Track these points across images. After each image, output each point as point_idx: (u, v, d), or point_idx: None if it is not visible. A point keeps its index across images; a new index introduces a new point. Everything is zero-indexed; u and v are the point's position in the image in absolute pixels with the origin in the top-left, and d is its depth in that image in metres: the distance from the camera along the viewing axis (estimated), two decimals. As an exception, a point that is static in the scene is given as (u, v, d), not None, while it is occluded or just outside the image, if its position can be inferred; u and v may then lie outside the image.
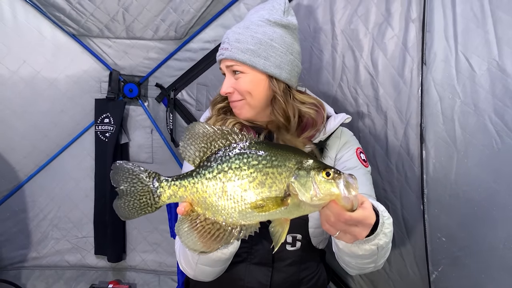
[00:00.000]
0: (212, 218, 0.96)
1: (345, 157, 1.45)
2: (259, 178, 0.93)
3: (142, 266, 2.43)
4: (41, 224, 2.39)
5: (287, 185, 0.92)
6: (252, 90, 1.38)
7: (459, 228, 1.49)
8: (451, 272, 1.55)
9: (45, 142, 2.30)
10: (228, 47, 1.37)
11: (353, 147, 1.48)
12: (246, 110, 1.41)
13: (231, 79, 1.39)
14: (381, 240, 1.08)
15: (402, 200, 1.65)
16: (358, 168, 1.43)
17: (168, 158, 2.36)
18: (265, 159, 0.94)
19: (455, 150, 1.45)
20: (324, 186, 0.90)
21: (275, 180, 0.93)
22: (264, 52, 1.36)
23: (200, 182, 0.96)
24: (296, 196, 0.91)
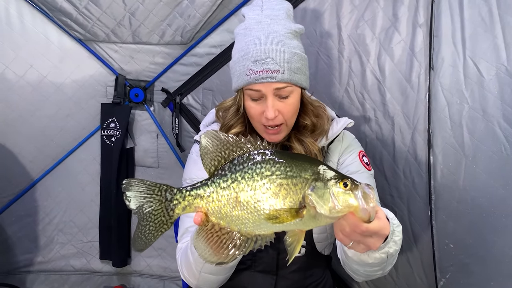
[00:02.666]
0: (227, 228, 0.94)
1: (347, 161, 1.43)
2: (273, 189, 0.91)
3: (147, 271, 2.42)
4: (47, 228, 2.39)
5: (303, 196, 0.91)
6: (296, 110, 1.34)
7: (467, 235, 1.48)
8: (459, 279, 1.53)
9: (51, 146, 2.30)
10: (278, 69, 1.25)
11: (355, 151, 1.45)
12: (284, 133, 1.36)
13: (276, 102, 1.28)
14: (391, 248, 1.06)
15: (410, 206, 1.64)
16: (361, 172, 1.41)
17: (174, 163, 2.36)
18: (279, 169, 0.92)
19: (463, 155, 1.43)
20: (342, 198, 0.88)
21: (290, 191, 0.91)
22: (305, 67, 1.32)
23: (215, 191, 0.94)
24: (313, 208, 0.89)
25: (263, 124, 1.32)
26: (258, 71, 1.24)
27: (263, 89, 1.26)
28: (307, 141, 1.36)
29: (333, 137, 1.41)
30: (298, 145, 1.36)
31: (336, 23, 1.73)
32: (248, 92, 1.30)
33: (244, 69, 1.27)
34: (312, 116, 1.39)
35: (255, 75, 1.25)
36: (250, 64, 1.25)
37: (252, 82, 1.26)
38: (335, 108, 1.72)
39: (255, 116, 1.32)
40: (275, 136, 1.34)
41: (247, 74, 1.26)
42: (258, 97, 1.29)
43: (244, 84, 1.28)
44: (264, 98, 1.28)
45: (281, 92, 1.27)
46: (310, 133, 1.39)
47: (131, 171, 2.36)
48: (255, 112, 1.31)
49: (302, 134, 1.39)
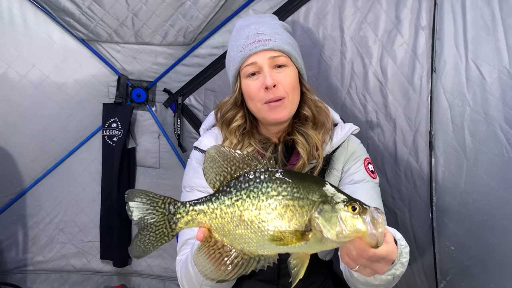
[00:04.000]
0: (230, 245, 0.92)
1: (352, 169, 1.41)
2: (279, 209, 0.88)
3: (148, 271, 2.42)
4: (47, 228, 2.38)
5: (309, 219, 0.88)
6: (295, 86, 1.33)
7: (468, 237, 1.48)
8: (460, 281, 1.54)
9: (52, 146, 2.30)
10: (270, 38, 1.28)
11: (361, 158, 1.43)
12: (288, 110, 1.32)
13: (273, 72, 1.29)
14: (398, 270, 1.05)
15: (411, 208, 1.64)
16: (366, 181, 1.39)
17: (175, 164, 2.36)
18: (285, 190, 0.89)
19: (465, 158, 1.44)
20: (350, 222, 0.85)
21: (296, 213, 0.88)
22: (296, 48, 1.34)
23: (219, 208, 0.92)
24: (319, 231, 0.87)
25: (264, 102, 1.30)
26: (250, 43, 1.29)
27: (258, 60, 1.29)
28: (310, 133, 1.35)
29: (338, 144, 1.38)
30: (302, 138, 1.35)
31: (338, 25, 1.74)
32: (244, 71, 1.32)
33: (237, 48, 1.32)
34: (312, 107, 1.39)
35: (248, 47, 1.29)
36: (242, 41, 1.31)
37: (246, 54, 1.29)
38: (337, 110, 1.72)
39: (254, 94, 1.31)
40: (278, 111, 1.30)
41: (240, 50, 1.31)
42: (254, 71, 1.30)
43: (240, 62, 1.31)
44: (261, 72, 1.30)
45: (276, 61, 1.29)
46: (312, 124, 1.38)
47: (133, 171, 2.36)
48: (254, 89, 1.30)
49: (304, 125, 1.37)
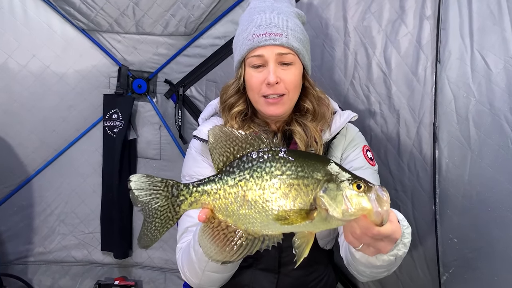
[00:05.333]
0: (233, 226, 0.92)
1: (351, 157, 1.41)
2: (282, 189, 0.88)
3: (148, 263, 2.41)
4: (48, 219, 2.38)
5: (314, 198, 0.87)
6: (297, 85, 1.32)
7: (471, 230, 1.47)
8: (463, 274, 1.52)
9: (53, 137, 2.29)
10: (281, 33, 1.26)
11: (359, 145, 1.44)
12: (286, 106, 1.32)
13: (277, 69, 1.28)
14: (400, 251, 1.05)
15: (414, 200, 1.63)
16: (365, 167, 1.40)
17: (176, 155, 2.34)
18: (290, 169, 0.89)
19: (469, 150, 1.42)
20: (356, 200, 0.85)
21: (300, 192, 0.88)
22: (307, 45, 1.32)
23: (223, 188, 0.91)
24: (324, 210, 0.86)
25: (263, 95, 1.30)
26: (261, 33, 1.26)
27: (265, 54, 1.27)
28: (309, 125, 1.34)
29: (336, 131, 1.39)
30: (300, 129, 1.34)
31: (342, 15, 1.71)
32: (249, 61, 1.30)
33: (247, 35, 1.29)
34: (314, 102, 1.38)
35: (258, 38, 1.26)
36: (253, 29, 1.28)
37: (255, 45, 1.26)
38: (340, 101, 1.71)
39: (255, 86, 1.30)
40: (275, 107, 1.31)
41: (249, 39, 1.28)
42: (260, 63, 1.29)
43: (247, 50, 1.28)
44: (266, 66, 1.28)
45: (283, 59, 1.27)
46: (312, 117, 1.37)
47: (133, 163, 2.35)
48: (256, 81, 1.29)
49: (303, 117, 1.37)
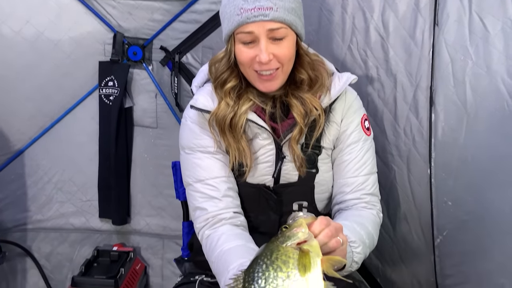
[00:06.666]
0: None
1: (349, 130, 1.42)
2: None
3: (146, 230, 2.44)
4: (46, 187, 2.39)
5: (290, 250, 0.93)
6: (291, 57, 1.29)
7: (466, 192, 1.48)
8: (456, 236, 1.55)
9: (49, 105, 2.29)
10: (271, 6, 1.19)
11: (358, 115, 1.44)
12: (280, 80, 1.30)
13: (269, 45, 1.23)
14: (354, 268, 1.20)
15: (409, 165, 1.64)
16: (362, 140, 1.43)
17: (173, 124, 2.35)
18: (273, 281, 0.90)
19: (465, 113, 1.42)
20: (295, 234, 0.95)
21: (288, 263, 0.90)
22: (300, 11, 1.28)
23: None
24: (305, 250, 0.92)
25: (256, 70, 1.27)
26: (249, 8, 1.19)
27: (255, 30, 1.21)
28: (306, 97, 1.33)
29: (336, 95, 1.37)
30: (296, 101, 1.33)
31: (339, -22, 1.69)
32: (239, 37, 1.25)
33: (234, 9, 1.22)
34: (309, 70, 1.35)
35: (246, 14, 1.19)
36: (241, 2, 1.20)
37: (243, 21, 1.20)
38: (338, 66, 1.69)
39: (246, 62, 1.27)
40: (269, 84, 1.29)
41: (237, 13, 1.21)
42: (250, 40, 1.24)
43: (235, 26, 1.22)
44: (257, 42, 1.23)
45: (275, 34, 1.22)
46: (308, 87, 1.35)
47: (130, 131, 2.36)
48: (247, 57, 1.25)
49: (299, 89, 1.35)
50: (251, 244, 1.28)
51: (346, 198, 1.42)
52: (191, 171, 1.41)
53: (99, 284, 2.03)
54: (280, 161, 1.38)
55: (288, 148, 1.36)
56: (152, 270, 2.48)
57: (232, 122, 1.33)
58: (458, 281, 1.58)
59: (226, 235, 1.30)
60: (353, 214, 1.38)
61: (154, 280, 2.48)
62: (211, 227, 1.35)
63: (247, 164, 1.35)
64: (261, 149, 1.38)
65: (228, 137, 1.34)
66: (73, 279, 2.05)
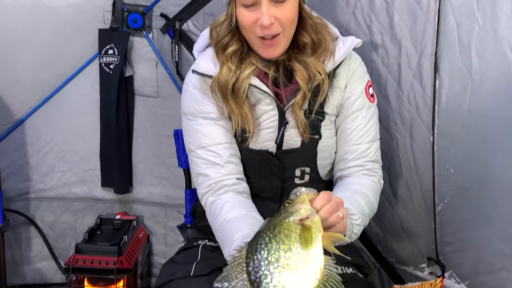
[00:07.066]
0: None
1: (353, 97, 1.41)
2: (287, 257, 0.90)
3: (149, 199, 2.45)
4: (47, 156, 2.39)
5: (292, 225, 0.95)
6: (293, 20, 1.27)
7: (468, 159, 1.48)
8: (457, 203, 1.56)
9: (48, 73, 2.26)
10: None
11: (362, 82, 1.43)
12: (283, 45, 1.29)
13: (271, 8, 1.21)
14: (353, 239, 1.23)
15: (412, 132, 1.63)
16: (366, 107, 1.42)
17: (174, 93, 2.33)
18: (277, 251, 0.91)
19: (470, 79, 1.41)
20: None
21: (290, 237, 0.92)
22: None
23: None
24: (308, 226, 0.94)
25: (258, 36, 1.25)
26: None
27: None
28: (309, 61, 1.31)
29: (340, 59, 1.35)
30: (300, 66, 1.32)
31: None
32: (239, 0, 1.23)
33: None
34: (312, 33, 1.33)
35: None
36: None
37: None
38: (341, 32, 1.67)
39: (248, 26, 1.25)
40: (271, 50, 1.28)
41: None
42: (251, 3, 1.22)
43: None
44: (258, 4, 1.21)
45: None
46: (312, 51, 1.33)
47: (131, 100, 2.34)
48: (248, 21, 1.24)
49: (302, 53, 1.33)
50: (255, 213, 1.29)
51: (349, 165, 1.42)
52: (193, 137, 1.40)
53: (103, 251, 2.05)
54: (283, 127, 1.37)
55: (291, 114, 1.36)
56: (155, 238, 2.50)
57: (235, 88, 1.32)
58: (458, 248, 1.60)
59: (229, 203, 1.31)
60: (355, 181, 1.39)
61: (158, 248, 2.51)
62: (214, 193, 1.35)
63: (250, 130, 1.35)
64: (263, 114, 1.38)
65: (230, 102, 1.33)
66: (76, 246, 2.07)
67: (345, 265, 1.32)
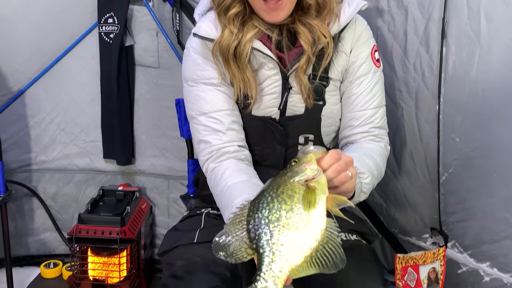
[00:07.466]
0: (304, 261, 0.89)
1: (359, 62, 1.38)
2: (290, 217, 0.89)
3: (151, 171, 2.44)
4: (48, 128, 2.38)
5: (296, 186, 0.92)
6: None
7: (474, 128, 1.46)
8: (462, 173, 1.54)
9: (47, 43, 2.23)
10: None
11: (368, 47, 1.40)
12: (287, 9, 1.25)
13: None
14: (361, 198, 1.19)
15: (418, 101, 1.61)
16: (372, 72, 1.39)
17: (175, 63, 2.28)
18: (278, 211, 0.90)
19: (478, 45, 1.38)
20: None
21: (293, 198, 0.90)
22: None
23: (269, 243, 0.89)
24: (312, 187, 0.92)
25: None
26: None
27: None
28: (313, 23, 1.28)
29: (345, 22, 1.32)
30: (304, 28, 1.28)
31: None
32: None
33: None
34: None
35: None
36: None
37: None
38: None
39: None
40: (275, 13, 1.24)
41: None
42: None
43: None
44: None
45: None
46: (316, 13, 1.30)
47: (132, 71, 2.31)
48: None
49: (307, 15, 1.29)
50: (255, 179, 1.28)
51: (354, 132, 1.40)
52: (194, 104, 1.39)
53: (106, 221, 2.05)
54: (287, 92, 1.35)
55: (295, 79, 1.33)
56: (158, 209, 2.50)
57: (237, 51, 1.29)
58: (462, 218, 1.59)
59: (230, 169, 1.29)
60: (361, 146, 1.37)
61: (161, 219, 2.51)
62: (215, 160, 1.34)
63: (252, 96, 1.33)
64: (267, 79, 1.35)
65: (232, 67, 1.31)
66: (79, 216, 2.07)
67: (349, 232, 1.31)
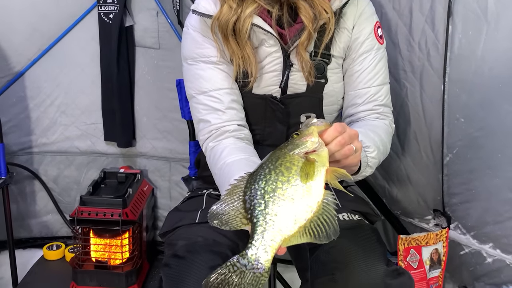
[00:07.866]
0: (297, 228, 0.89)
1: (361, 38, 1.36)
2: (285, 189, 0.89)
3: (153, 153, 2.43)
4: (48, 110, 2.36)
5: (296, 158, 0.92)
6: None
7: (479, 108, 1.44)
8: (466, 153, 1.53)
9: (46, 24, 2.19)
10: None
11: (371, 24, 1.37)
12: None
13: None
14: (367, 172, 1.18)
15: (422, 81, 1.59)
16: (375, 48, 1.37)
17: (176, 44, 2.25)
18: (275, 181, 0.90)
19: (485, 22, 1.35)
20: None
21: (291, 170, 0.90)
22: None
23: (265, 218, 0.88)
24: (311, 160, 0.91)
25: None
26: None
27: None
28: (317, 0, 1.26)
29: None
30: (305, 3, 1.26)
31: None
32: None
33: None
34: None
35: None
36: None
37: None
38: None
39: None
40: None
41: None
42: None
43: None
44: None
45: None
46: None
47: (132, 52, 2.28)
48: None
49: None
50: (254, 158, 1.27)
51: (358, 110, 1.38)
52: (193, 82, 1.37)
53: (107, 203, 2.04)
54: (288, 70, 1.33)
55: (296, 56, 1.31)
56: (160, 191, 2.49)
57: (236, 27, 1.27)
58: (466, 199, 1.59)
59: (229, 148, 1.28)
60: (366, 124, 1.35)
61: (162, 201, 2.51)
62: (215, 139, 1.33)
63: (252, 73, 1.31)
64: (267, 57, 1.33)
65: (231, 44, 1.29)
66: (81, 198, 2.06)
67: (352, 212, 1.30)
